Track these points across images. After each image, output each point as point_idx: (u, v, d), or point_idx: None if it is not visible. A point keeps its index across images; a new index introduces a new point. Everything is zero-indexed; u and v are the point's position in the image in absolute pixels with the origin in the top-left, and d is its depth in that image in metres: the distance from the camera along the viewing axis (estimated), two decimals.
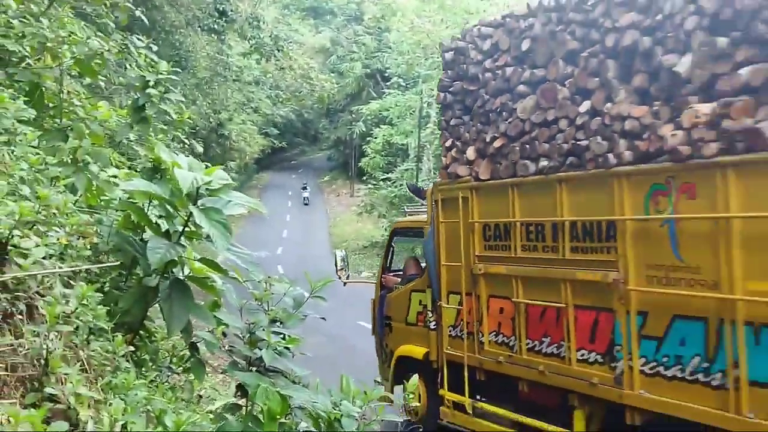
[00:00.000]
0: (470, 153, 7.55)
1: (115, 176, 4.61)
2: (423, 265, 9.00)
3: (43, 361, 2.43)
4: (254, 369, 3.10)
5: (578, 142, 6.16)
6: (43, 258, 2.80)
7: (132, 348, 3.26)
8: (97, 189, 4.32)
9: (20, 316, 2.59)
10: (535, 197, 6.70)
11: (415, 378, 3.54)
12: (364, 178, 40.71)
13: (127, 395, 2.58)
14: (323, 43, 54.96)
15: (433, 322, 8.39)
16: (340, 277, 10.34)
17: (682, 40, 5.37)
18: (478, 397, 8.00)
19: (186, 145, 10.23)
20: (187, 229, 3.78)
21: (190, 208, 3.55)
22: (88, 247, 3.58)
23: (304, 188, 52.14)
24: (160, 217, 4.26)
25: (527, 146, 6.80)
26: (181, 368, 4.38)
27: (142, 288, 3.90)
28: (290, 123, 63.40)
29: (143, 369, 3.98)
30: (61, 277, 3.06)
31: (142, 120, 4.70)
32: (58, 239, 3.10)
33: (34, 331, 2.50)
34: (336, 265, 10.55)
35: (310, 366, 3.27)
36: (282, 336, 3.18)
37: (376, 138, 39.26)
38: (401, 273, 9.76)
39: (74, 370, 2.46)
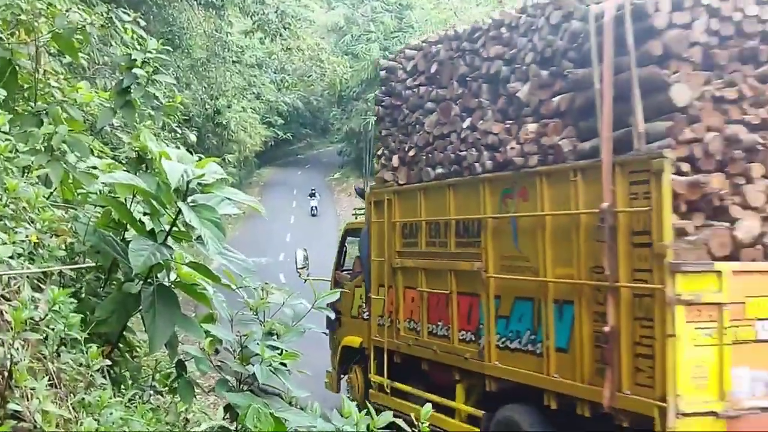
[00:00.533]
0: (394, 161, 9.92)
1: (95, 167, 4.65)
2: None
3: (6, 373, 2.45)
4: (246, 388, 3.12)
5: (461, 153, 8.47)
6: (10, 257, 2.83)
7: (108, 362, 3.26)
8: (74, 181, 4.36)
9: None
10: (434, 200, 8.96)
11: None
12: None
13: (101, 415, 2.60)
14: (336, 21, 54.96)
15: (366, 313, 10.68)
16: (300, 275, 12.36)
17: (524, 71, 7.70)
18: (401, 379, 9.85)
19: (178, 135, 10.29)
20: (174, 228, 3.80)
21: (179, 205, 3.57)
22: (63, 246, 3.61)
23: (312, 195, 49.76)
24: (144, 214, 4.29)
25: (430, 155, 9.12)
26: (167, 388, 4.37)
27: (122, 295, 3.92)
28: (297, 112, 63.49)
29: (122, 387, 4.00)
30: (30, 279, 3.09)
31: (127, 104, 4.73)
32: (27, 237, 3.12)
33: None
34: (296, 264, 12.70)
35: (310, 386, 3.28)
36: (278, 351, 3.18)
37: None
38: (351, 271, 12.05)
39: (42, 384, 2.48)
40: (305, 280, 11.80)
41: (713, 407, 5.75)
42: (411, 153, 9.52)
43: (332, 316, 3.84)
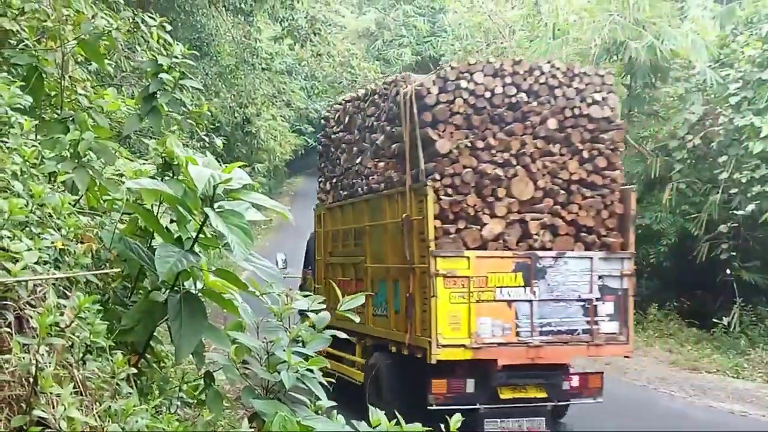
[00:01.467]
0: (327, 185, 13.74)
1: (121, 174, 4.70)
2: None
3: (32, 380, 2.48)
4: (272, 396, 3.13)
5: (355, 181, 12.15)
6: (36, 263, 2.86)
7: (134, 371, 3.29)
8: (100, 188, 4.41)
9: (8, 329, 2.65)
10: (344, 214, 12.63)
11: None
12: None
13: (127, 423, 2.62)
14: (367, 25, 54.99)
15: None
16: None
17: (382, 126, 11.22)
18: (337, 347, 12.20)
19: (206, 143, 10.36)
20: (202, 235, 3.83)
21: (205, 211, 3.60)
22: (88, 254, 3.65)
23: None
24: (171, 221, 4.33)
25: (343, 182, 12.84)
26: (195, 400, 4.37)
27: (149, 303, 3.95)
28: None
29: (148, 397, 4.03)
30: (55, 286, 3.13)
31: (153, 110, 4.77)
32: (53, 243, 3.16)
33: (23, 346, 2.55)
34: (277, 265, 15.18)
35: (339, 396, 3.27)
36: (305, 357, 3.19)
37: None
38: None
39: (67, 390, 2.51)
40: (284, 277, 13.98)
41: (463, 342, 9.23)
42: (334, 180, 13.38)
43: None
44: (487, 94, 10.07)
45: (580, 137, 10.28)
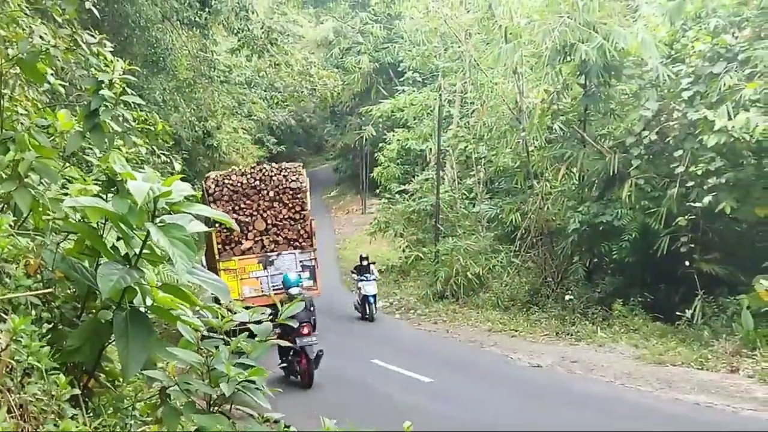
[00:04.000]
0: None
1: (66, 194, 4.64)
2: None
3: None
4: (216, 410, 3.10)
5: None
6: None
7: (77, 392, 3.24)
8: (43, 208, 4.35)
9: None
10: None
11: None
12: (378, 191, 40.60)
13: None
14: (325, 34, 55.09)
15: None
16: None
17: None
18: None
19: (167, 161, 10.26)
20: (147, 251, 3.79)
21: (146, 225, 3.57)
22: (29, 275, 3.60)
23: (365, 278, 25.61)
24: (118, 239, 4.28)
25: None
26: (152, 418, 4.32)
27: (96, 322, 3.90)
28: (290, 129, 63.52)
29: (101, 419, 3.97)
30: None
31: (96, 127, 4.72)
32: None
33: None
34: None
35: (309, 411, 3.24)
36: (247, 368, 3.17)
37: (389, 144, 39.25)
38: None
39: (0, 414, 2.47)
40: None
41: (236, 298, 15.15)
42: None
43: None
44: (238, 184, 21.56)
45: (286, 198, 21.88)
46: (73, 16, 5.66)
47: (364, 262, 25.66)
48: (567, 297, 21.49)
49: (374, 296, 24.97)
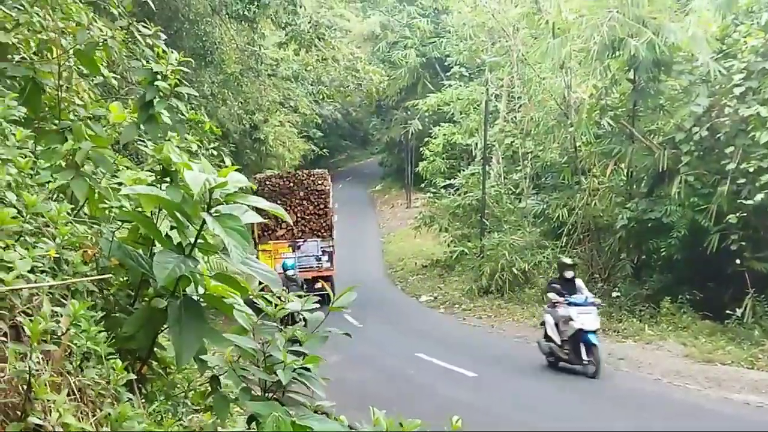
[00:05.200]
0: None
1: (121, 183, 4.71)
2: None
3: (26, 387, 2.49)
4: (271, 396, 3.13)
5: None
6: (30, 272, 2.87)
7: (133, 377, 3.29)
8: (99, 197, 4.42)
9: (3, 338, 2.66)
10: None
11: None
12: (423, 185, 40.55)
13: (122, 427, 2.63)
14: (372, 29, 55.10)
15: None
16: None
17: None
18: None
19: (214, 154, 10.37)
20: (201, 241, 3.83)
21: (202, 215, 3.61)
22: (86, 261, 3.66)
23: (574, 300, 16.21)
24: (172, 228, 4.33)
25: None
26: (202, 406, 4.37)
27: (150, 310, 3.96)
28: (336, 123, 63.81)
29: (154, 404, 4.03)
30: (53, 295, 3.14)
31: (150, 118, 4.78)
32: (47, 252, 3.17)
33: (19, 354, 2.56)
34: None
35: (353, 404, 3.26)
36: (301, 356, 3.20)
37: (435, 138, 39.17)
38: None
39: (62, 397, 2.51)
40: None
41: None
42: None
43: None
44: (276, 185, 26.76)
45: (313, 198, 27.07)
46: (130, 9, 5.75)
47: (568, 273, 16.08)
48: (614, 294, 21.26)
49: (595, 333, 14.96)
